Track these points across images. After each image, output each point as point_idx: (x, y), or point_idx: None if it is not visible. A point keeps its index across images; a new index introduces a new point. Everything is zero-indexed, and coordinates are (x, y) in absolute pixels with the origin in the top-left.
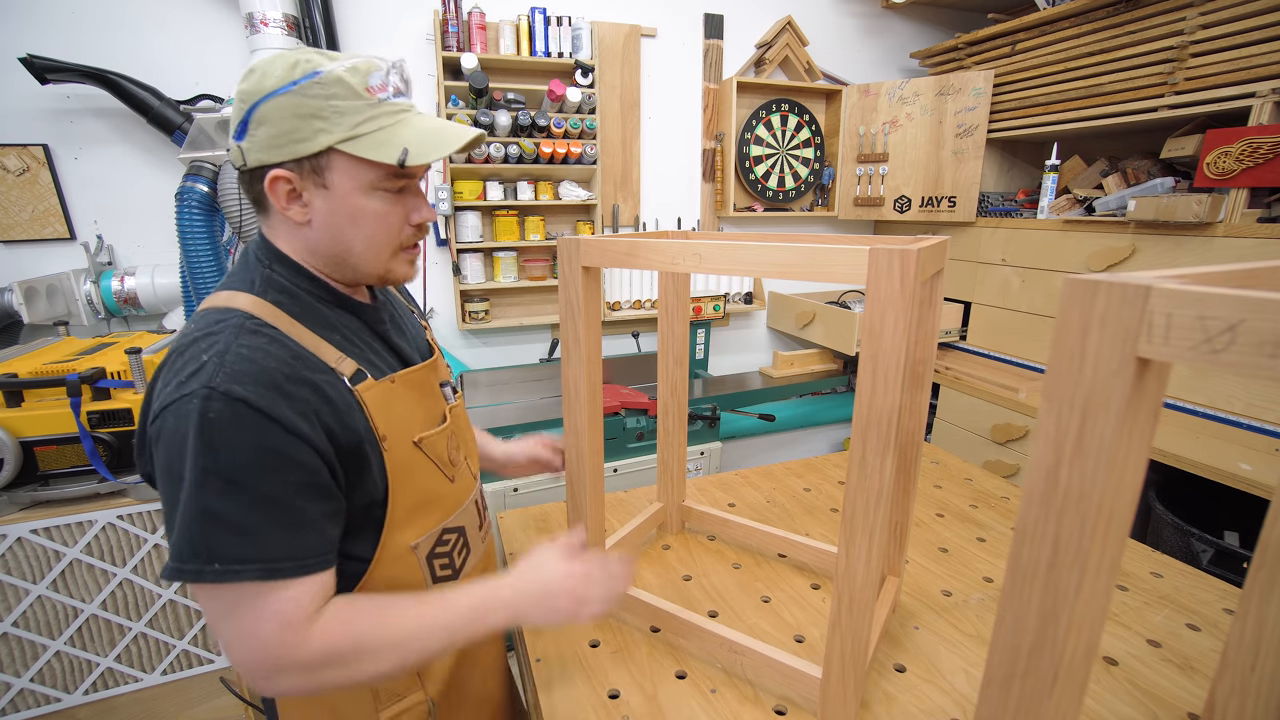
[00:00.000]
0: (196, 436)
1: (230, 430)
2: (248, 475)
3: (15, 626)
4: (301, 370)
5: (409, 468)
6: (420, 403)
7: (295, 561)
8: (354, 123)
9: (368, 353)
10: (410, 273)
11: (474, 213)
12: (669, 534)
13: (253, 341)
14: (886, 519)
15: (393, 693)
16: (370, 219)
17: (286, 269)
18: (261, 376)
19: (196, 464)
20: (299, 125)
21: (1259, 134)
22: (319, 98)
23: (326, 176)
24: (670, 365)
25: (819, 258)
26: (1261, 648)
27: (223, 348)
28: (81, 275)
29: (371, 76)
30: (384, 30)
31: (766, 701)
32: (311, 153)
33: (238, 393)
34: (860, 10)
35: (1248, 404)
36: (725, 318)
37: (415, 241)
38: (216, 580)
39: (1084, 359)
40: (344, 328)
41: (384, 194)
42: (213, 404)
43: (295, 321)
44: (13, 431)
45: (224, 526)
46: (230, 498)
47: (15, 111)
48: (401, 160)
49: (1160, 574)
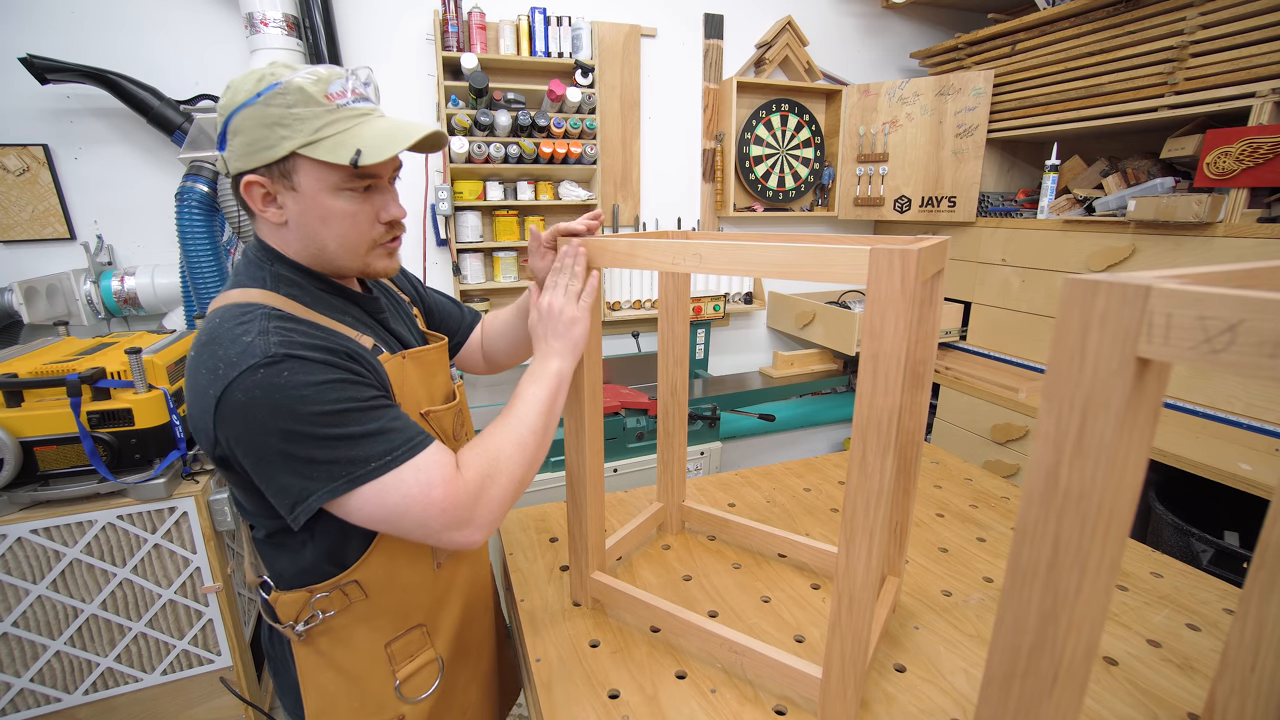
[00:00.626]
0: (286, 392)
1: (309, 375)
2: (348, 398)
3: (15, 626)
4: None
5: None
6: (428, 380)
7: (421, 434)
8: (314, 128)
9: (377, 333)
10: (390, 265)
11: (474, 213)
12: (669, 534)
13: (285, 324)
14: (886, 519)
15: (406, 653)
16: (339, 218)
17: (289, 267)
18: (307, 344)
19: (301, 411)
20: (265, 134)
21: (1259, 134)
22: (280, 106)
23: (294, 179)
24: (670, 365)
25: (819, 258)
26: (1261, 648)
27: (259, 330)
28: (81, 275)
29: (332, 84)
30: (384, 30)
31: (766, 701)
32: (278, 158)
33: (295, 353)
34: (860, 10)
35: (1248, 404)
36: (725, 318)
37: (391, 237)
38: (381, 473)
39: (1084, 359)
40: (351, 314)
41: (350, 193)
42: (279, 365)
43: (309, 310)
44: (13, 431)
45: (357, 440)
46: (345, 420)
47: (15, 111)
48: (354, 161)
49: (1160, 574)
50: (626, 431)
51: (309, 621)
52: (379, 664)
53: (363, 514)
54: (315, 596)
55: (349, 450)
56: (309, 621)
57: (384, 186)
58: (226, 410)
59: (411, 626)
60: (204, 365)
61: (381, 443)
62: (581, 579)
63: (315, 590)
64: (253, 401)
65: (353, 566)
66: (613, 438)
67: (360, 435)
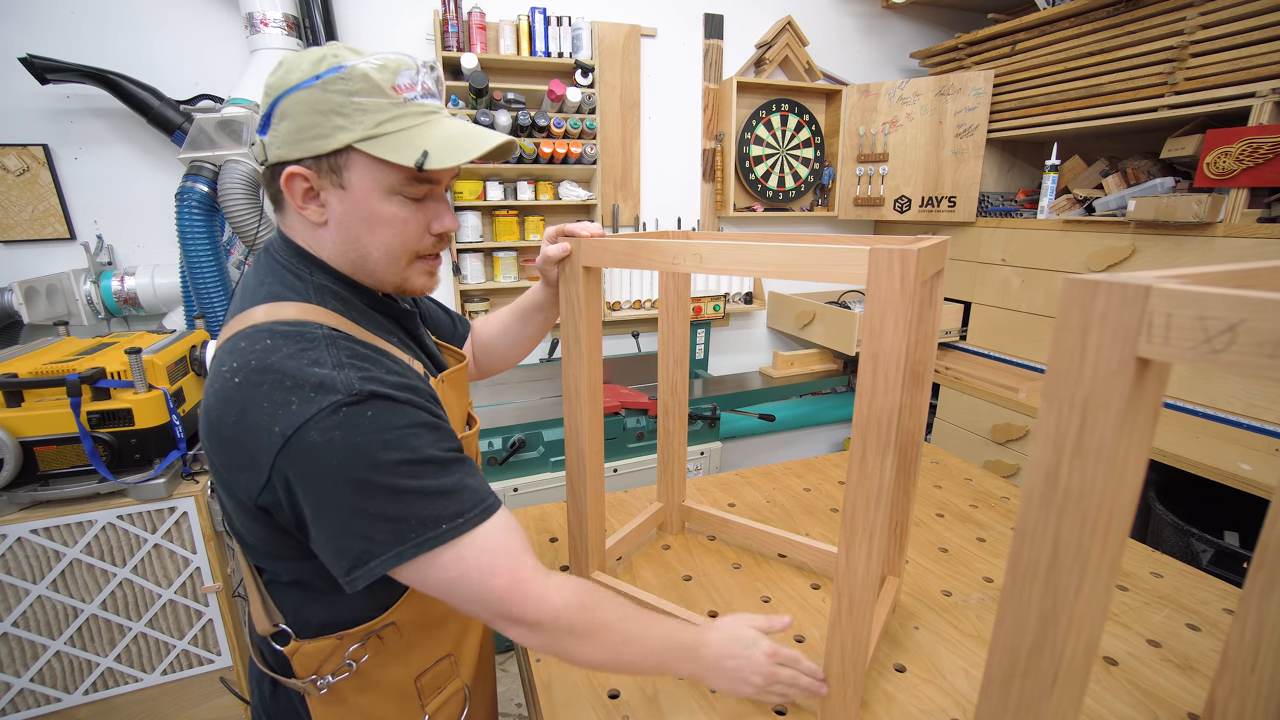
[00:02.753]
0: (368, 436)
1: (394, 419)
2: (426, 449)
3: (15, 626)
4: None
5: None
6: (459, 401)
7: (493, 496)
8: (376, 121)
9: (414, 353)
10: (429, 284)
11: (474, 213)
12: (669, 534)
13: (353, 348)
14: (886, 519)
15: (435, 686)
16: (387, 224)
17: (328, 275)
18: (388, 380)
19: (381, 460)
20: (319, 121)
21: (1259, 134)
22: (341, 93)
23: (344, 176)
24: (670, 365)
25: (819, 258)
26: (1261, 648)
27: (335, 360)
28: (81, 275)
29: (401, 75)
30: (384, 30)
31: (767, 701)
32: (330, 150)
33: (380, 391)
34: (860, 10)
35: (1248, 404)
36: (725, 318)
37: (436, 252)
38: (453, 536)
39: (1084, 359)
40: (389, 330)
41: (403, 199)
42: (365, 405)
43: (363, 330)
44: (13, 431)
45: (435, 494)
46: (426, 472)
47: (15, 111)
48: (419, 163)
49: (1160, 574)
50: (626, 431)
51: (337, 673)
52: (409, 703)
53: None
54: (350, 646)
55: (421, 508)
56: (337, 673)
57: (439, 195)
58: (297, 450)
59: (441, 658)
60: (265, 397)
61: (454, 502)
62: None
63: (347, 637)
64: (330, 444)
65: (393, 607)
66: (613, 438)
67: (436, 491)
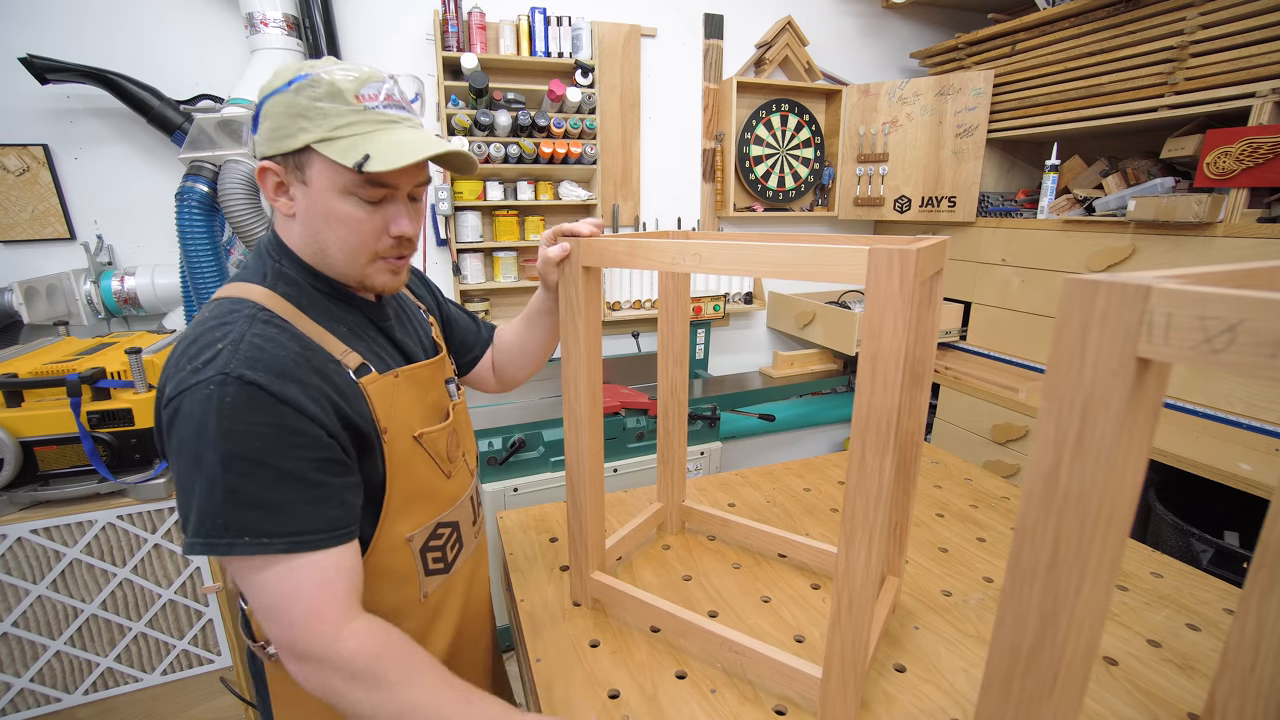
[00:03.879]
0: (216, 420)
1: (247, 413)
2: (268, 454)
3: (15, 626)
4: (313, 359)
5: (407, 461)
6: (423, 398)
7: (323, 534)
8: (334, 125)
9: (373, 346)
10: (391, 283)
11: (474, 213)
12: (669, 534)
13: (264, 331)
14: (886, 519)
15: None
16: (343, 222)
17: (293, 263)
18: (274, 364)
19: (218, 447)
20: (288, 123)
21: (1259, 134)
22: (309, 98)
23: (307, 174)
24: (670, 365)
25: (819, 258)
26: (1261, 648)
27: (237, 336)
28: (81, 275)
29: (367, 86)
30: (384, 30)
31: (766, 701)
32: (294, 149)
33: (250, 377)
34: (860, 10)
35: (1248, 404)
36: (725, 318)
37: (396, 253)
38: (247, 552)
39: (1084, 359)
40: (349, 321)
41: (359, 200)
42: (228, 389)
43: (303, 314)
44: (13, 431)
45: (251, 504)
46: (254, 477)
47: (15, 111)
48: (358, 165)
49: (1160, 574)
50: (626, 431)
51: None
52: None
53: (235, 578)
54: None
55: (233, 512)
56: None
57: (399, 199)
58: (169, 413)
59: None
60: (176, 359)
61: (268, 521)
62: (581, 579)
63: None
64: (190, 416)
65: None
66: (613, 438)
67: (254, 502)
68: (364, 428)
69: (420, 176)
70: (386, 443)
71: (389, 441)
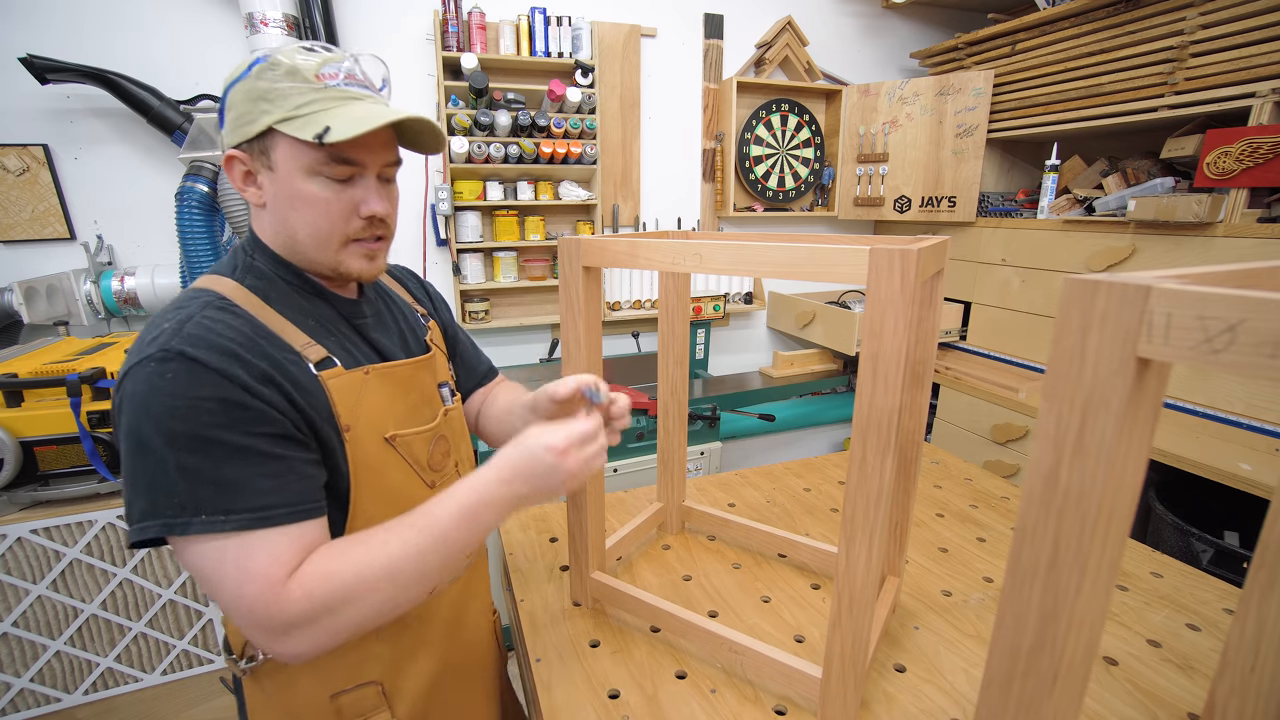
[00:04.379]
0: (159, 397)
1: (191, 388)
2: (217, 429)
3: (15, 626)
4: (263, 345)
5: (377, 464)
6: (400, 398)
7: (286, 507)
8: (295, 104)
9: (343, 341)
10: (367, 269)
11: (474, 213)
12: (669, 534)
13: (215, 315)
14: (886, 519)
15: (357, 711)
16: (310, 204)
17: (266, 257)
18: (217, 344)
19: (163, 424)
20: (251, 108)
21: (1259, 134)
22: (268, 80)
23: (272, 158)
24: (670, 365)
25: (819, 258)
26: (1261, 648)
27: (184, 318)
28: (81, 275)
29: (327, 66)
30: (384, 30)
31: (766, 701)
32: (257, 133)
33: (191, 353)
34: (860, 10)
35: (1248, 404)
36: (725, 318)
37: (370, 235)
38: (204, 531)
39: (1084, 359)
40: (320, 316)
41: (326, 180)
42: (169, 364)
43: (267, 306)
44: (13, 431)
45: (203, 481)
46: (205, 453)
47: (15, 111)
48: (319, 136)
49: (1160, 574)
50: (626, 432)
51: (251, 659)
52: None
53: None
54: None
55: (187, 490)
56: (251, 659)
57: (368, 179)
58: (116, 400)
59: (364, 683)
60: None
61: (224, 498)
62: (581, 579)
63: None
64: (134, 396)
65: None
66: None
67: (209, 479)
68: (321, 423)
69: (389, 156)
70: (349, 441)
71: (352, 441)
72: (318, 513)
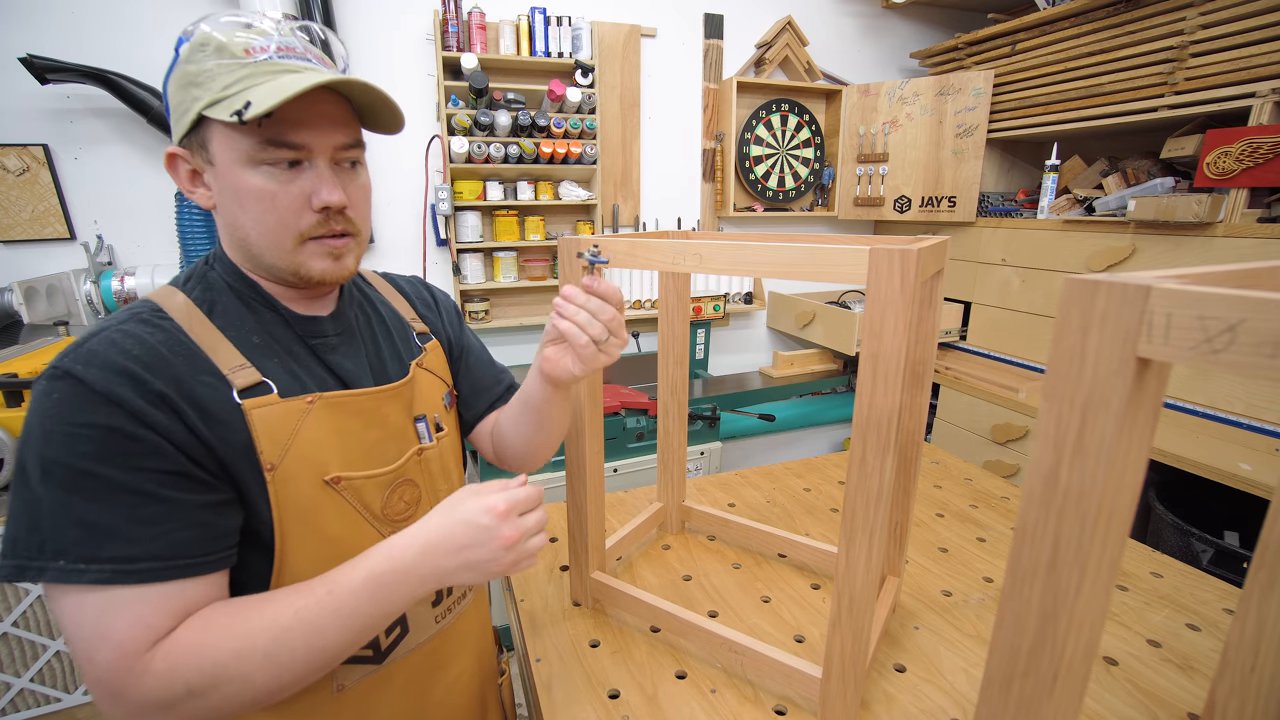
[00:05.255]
0: (39, 421)
1: (72, 412)
2: (95, 461)
3: (15, 626)
4: (175, 366)
5: (312, 511)
6: (355, 434)
7: (159, 560)
8: (223, 85)
9: (292, 365)
10: (333, 270)
11: (474, 213)
12: (669, 534)
13: (135, 329)
14: (886, 519)
15: None
16: (255, 198)
17: (223, 265)
18: (113, 363)
19: (39, 452)
20: (183, 96)
21: (1259, 134)
22: (196, 63)
23: (210, 150)
24: (670, 365)
25: (819, 258)
26: (1261, 648)
27: (97, 329)
28: (81, 275)
29: (255, 39)
30: (384, 30)
31: (766, 701)
32: (191, 123)
33: (79, 373)
34: (860, 10)
35: (1248, 404)
36: (725, 318)
37: (328, 231)
38: (58, 580)
39: (1084, 359)
40: (269, 334)
41: (270, 169)
42: (55, 385)
43: (207, 320)
44: (13, 432)
45: (70, 521)
46: (75, 488)
47: (15, 111)
48: (238, 113)
49: (1160, 574)
50: (626, 431)
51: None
52: None
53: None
54: None
55: (52, 529)
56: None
57: (318, 165)
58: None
59: None
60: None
61: (89, 543)
62: (581, 579)
63: None
64: (27, 416)
65: None
66: (613, 438)
67: (75, 519)
68: (235, 459)
69: (340, 136)
70: (272, 482)
71: (276, 481)
72: (206, 568)
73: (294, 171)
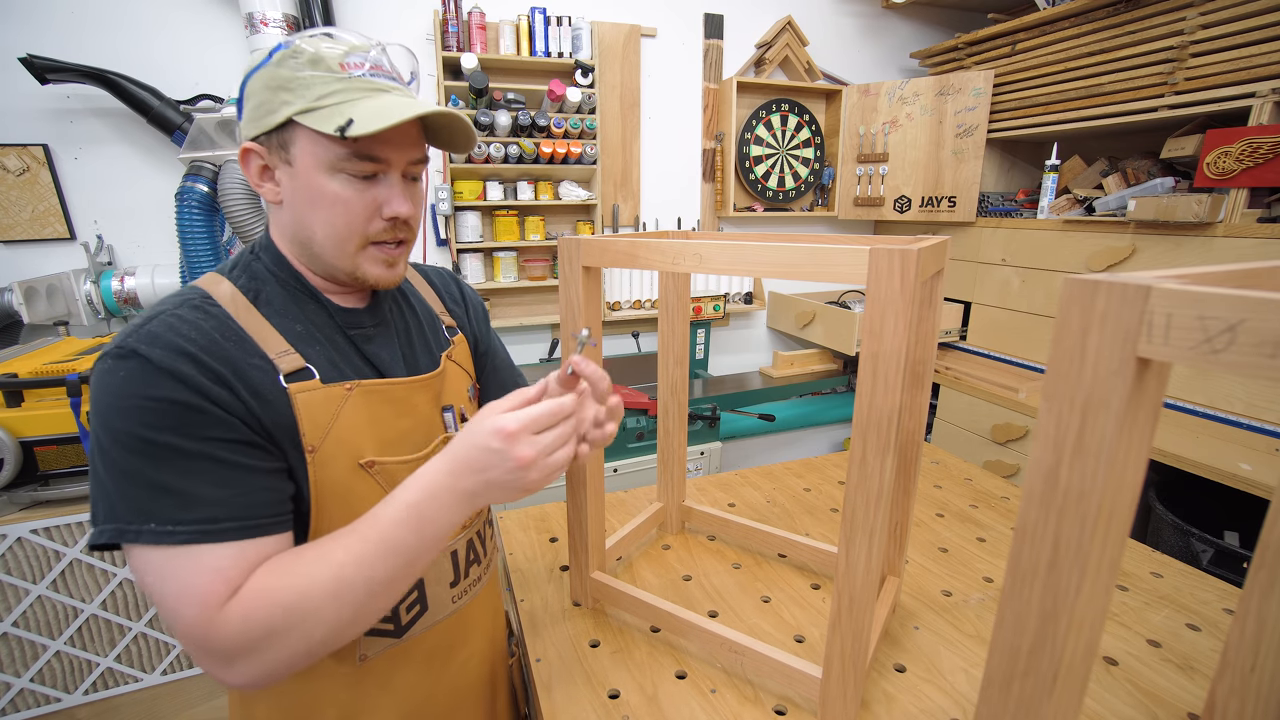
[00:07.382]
0: (110, 397)
1: (140, 388)
2: (167, 433)
3: (15, 626)
4: (228, 349)
5: (346, 491)
6: (389, 421)
7: (237, 520)
8: (317, 95)
9: (332, 353)
10: (386, 276)
11: (474, 213)
12: (669, 534)
13: (189, 315)
14: (886, 519)
15: None
16: (330, 202)
17: (270, 256)
18: (173, 344)
19: (112, 425)
20: (270, 97)
21: (1259, 134)
22: (290, 69)
23: (291, 152)
24: (670, 365)
25: (819, 258)
26: (1261, 648)
27: (152, 314)
28: (81, 275)
29: (352, 55)
30: (384, 30)
31: (766, 701)
32: (276, 124)
33: (144, 351)
34: (860, 10)
35: (1248, 404)
36: (725, 318)
37: (392, 239)
38: (152, 541)
39: (1084, 359)
40: (311, 322)
41: (348, 178)
42: (123, 363)
43: (252, 307)
44: (13, 431)
45: (155, 487)
46: (155, 458)
47: (15, 111)
48: (341, 129)
49: (1160, 574)
50: (626, 431)
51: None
52: None
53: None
54: None
55: (141, 495)
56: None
57: (391, 177)
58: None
59: None
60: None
61: (168, 506)
62: (581, 579)
63: None
64: (94, 395)
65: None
66: None
67: (153, 483)
68: (282, 438)
69: (415, 153)
70: (312, 463)
71: (316, 463)
72: (276, 528)
73: (369, 181)
